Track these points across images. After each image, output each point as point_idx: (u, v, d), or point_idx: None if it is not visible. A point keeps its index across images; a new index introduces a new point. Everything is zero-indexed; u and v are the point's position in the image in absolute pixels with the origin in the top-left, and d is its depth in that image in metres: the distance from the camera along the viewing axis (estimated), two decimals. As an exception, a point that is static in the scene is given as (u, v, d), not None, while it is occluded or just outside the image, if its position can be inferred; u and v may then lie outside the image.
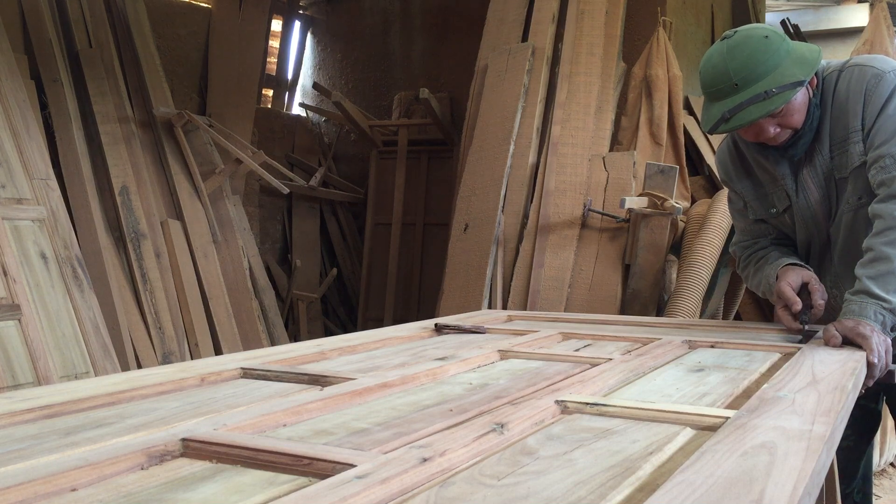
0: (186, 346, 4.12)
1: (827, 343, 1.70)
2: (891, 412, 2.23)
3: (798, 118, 1.86)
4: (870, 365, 1.63)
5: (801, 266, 1.98)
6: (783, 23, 6.20)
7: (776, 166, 2.01)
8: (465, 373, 1.42)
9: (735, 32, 1.86)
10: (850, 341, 1.69)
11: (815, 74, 1.91)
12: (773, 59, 1.78)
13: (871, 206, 1.83)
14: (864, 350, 1.65)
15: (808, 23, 5.68)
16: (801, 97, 1.84)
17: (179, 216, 4.34)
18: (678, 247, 3.47)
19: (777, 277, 1.96)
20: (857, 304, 1.73)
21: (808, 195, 2.00)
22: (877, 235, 1.78)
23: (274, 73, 6.27)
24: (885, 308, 1.72)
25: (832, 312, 1.94)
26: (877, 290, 1.72)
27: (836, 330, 1.71)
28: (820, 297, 1.89)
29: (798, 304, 1.86)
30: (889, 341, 1.72)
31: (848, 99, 1.89)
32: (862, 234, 1.89)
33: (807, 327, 1.88)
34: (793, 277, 1.91)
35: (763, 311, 3.56)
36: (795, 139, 1.90)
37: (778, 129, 1.86)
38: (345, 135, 6.15)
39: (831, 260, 2.03)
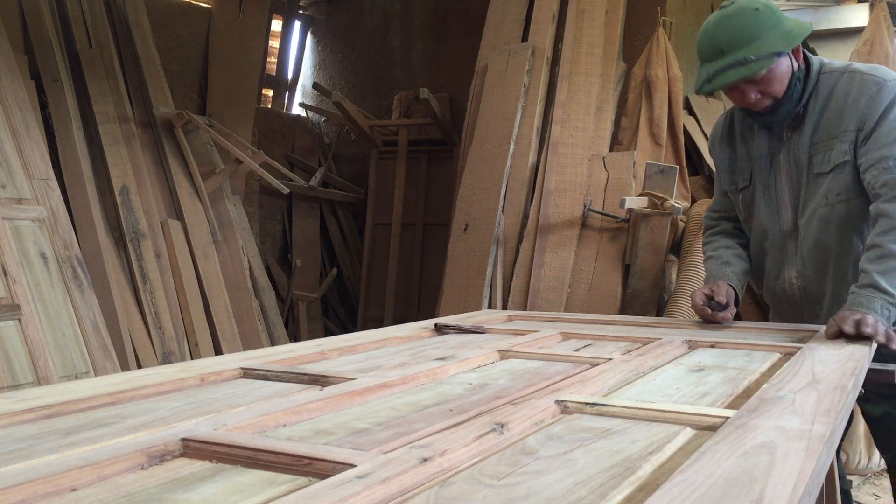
0: (186, 346, 4.12)
1: (829, 330, 1.78)
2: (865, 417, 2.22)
3: (779, 87, 1.96)
4: (886, 344, 1.74)
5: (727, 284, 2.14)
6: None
7: (757, 146, 2.13)
8: (465, 373, 1.42)
9: (731, 3, 1.99)
10: (854, 331, 1.75)
11: (812, 69, 2.02)
12: (758, 30, 1.90)
13: (877, 206, 1.90)
14: (872, 337, 1.73)
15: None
16: (783, 67, 1.95)
17: (179, 216, 4.34)
18: (678, 247, 3.48)
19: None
20: (866, 298, 1.81)
21: (779, 179, 2.09)
22: (884, 234, 1.85)
23: (274, 73, 6.27)
24: (890, 303, 1.80)
25: (795, 303, 2.10)
26: (885, 285, 1.81)
27: (842, 319, 1.78)
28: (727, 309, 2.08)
29: (706, 311, 2.08)
30: (891, 333, 1.78)
31: (847, 101, 1.97)
32: (837, 231, 2.00)
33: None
34: (705, 289, 2.13)
35: (763, 311, 3.56)
36: (775, 107, 1.99)
37: (759, 96, 1.96)
38: (345, 135, 6.15)
39: (797, 252, 2.09)
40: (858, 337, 1.73)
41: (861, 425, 3.30)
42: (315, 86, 5.92)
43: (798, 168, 2.05)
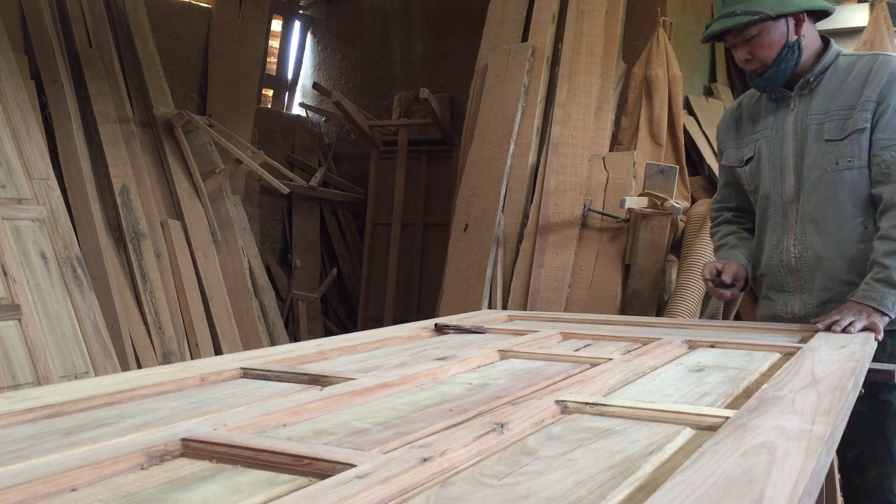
0: (186, 346, 4.12)
1: (837, 326, 1.86)
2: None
3: (768, 54, 2.03)
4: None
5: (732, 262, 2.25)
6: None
7: (763, 118, 2.19)
8: (465, 373, 1.42)
9: None
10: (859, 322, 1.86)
11: (830, 48, 2.10)
12: None
13: (891, 196, 1.94)
14: (874, 332, 1.82)
15: (808, 23, 5.69)
16: (775, 34, 2.02)
17: (179, 216, 4.34)
18: (678, 247, 3.47)
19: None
20: (879, 293, 1.89)
21: (784, 146, 2.13)
22: None
23: (274, 73, 6.27)
24: None
25: (790, 271, 2.13)
26: None
27: (848, 312, 1.88)
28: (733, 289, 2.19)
29: (713, 287, 2.20)
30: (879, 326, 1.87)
31: (869, 73, 2.02)
32: (840, 196, 2.03)
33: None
34: (715, 265, 2.24)
35: (763, 311, 3.55)
36: (762, 73, 2.07)
37: (749, 57, 2.05)
38: (345, 135, 6.15)
39: (797, 219, 2.12)
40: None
41: None
42: (315, 86, 5.92)
43: (805, 135, 2.08)
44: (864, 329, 1.86)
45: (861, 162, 2.00)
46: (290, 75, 6.42)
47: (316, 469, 0.83)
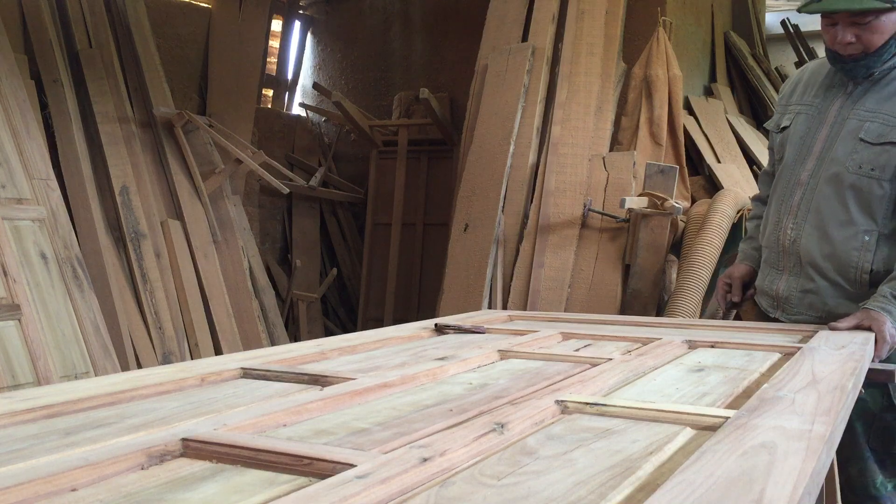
0: (186, 346, 4.12)
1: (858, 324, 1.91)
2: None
3: (877, 39, 1.94)
4: (879, 346, 1.86)
5: (739, 266, 2.36)
6: (783, 23, 6.20)
7: (815, 94, 2.15)
8: (465, 373, 1.42)
9: None
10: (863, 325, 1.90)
11: None
12: None
13: None
14: (877, 335, 1.85)
15: (808, 23, 5.69)
16: (889, 23, 1.93)
17: (179, 216, 4.34)
18: (678, 247, 3.47)
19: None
20: (893, 305, 1.91)
21: (819, 128, 2.10)
22: None
23: (274, 73, 6.27)
24: None
25: (782, 252, 2.13)
26: None
27: (858, 318, 1.91)
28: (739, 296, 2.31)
29: (721, 301, 2.33)
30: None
31: None
32: (851, 200, 2.01)
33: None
34: (726, 277, 2.36)
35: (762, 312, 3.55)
36: (860, 57, 1.98)
37: (854, 40, 1.94)
38: (345, 135, 6.15)
39: (802, 205, 2.10)
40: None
41: None
42: (315, 86, 5.92)
43: (843, 125, 2.05)
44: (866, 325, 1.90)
45: (884, 174, 1.97)
46: (290, 75, 6.42)
47: (316, 469, 0.83)
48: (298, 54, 6.46)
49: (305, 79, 6.48)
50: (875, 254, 2.00)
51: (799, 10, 2.02)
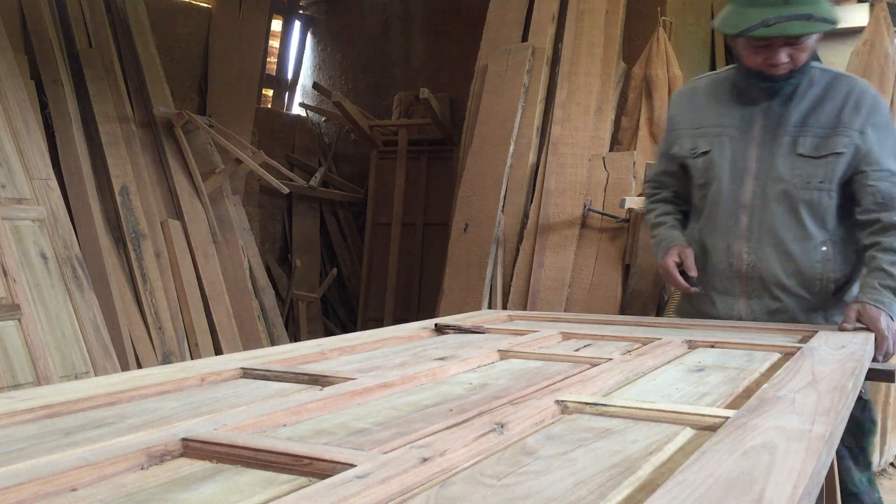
0: (186, 346, 4.12)
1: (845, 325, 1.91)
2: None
3: (804, 57, 1.95)
4: (880, 342, 1.84)
5: (678, 245, 2.21)
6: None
7: (729, 115, 2.11)
8: (465, 373, 1.42)
9: None
10: (862, 323, 1.90)
11: (817, 63, 2.07)
12: None
13: (890, 218, 1.95)
14: (875, 334, 1.85)
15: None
16: (812, 42, 1.94)
17: (179, 216, 4.34)
18: (678, 247, 3.46)
19: (664, 254, 2.20)
20: (888, 298, 1.90)
21: (748, 149, 2.07)
22: None
23: (274, 73, 6.27)
24: None
25: (740, 278, 2.10)
26: None
27: (856, 312, 1.90)
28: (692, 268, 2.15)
29: (682, 283, 2.14)
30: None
31: (848, 99, 2.01)
32: (805, 214, 2.02)
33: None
34: (674, 255, 2.17)
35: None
36: (789, 76, 1.98)
37: (788, 60, 1.94)
38: (345, 135, 6.15)
39: (755, 228, 2.08)
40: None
41: None
42: (315, 86, 5.92)
43: (775, 143, 2.04)
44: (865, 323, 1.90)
45: (832, 185, 2.00)
46: (290, 75, 6.42)
47: (316, 469, 0.83)
48: (298, 54, 6.46)
49: (305, 79, 6.48)
50: (835, 262, 2.05)
51: (740, 34, 1.91)
